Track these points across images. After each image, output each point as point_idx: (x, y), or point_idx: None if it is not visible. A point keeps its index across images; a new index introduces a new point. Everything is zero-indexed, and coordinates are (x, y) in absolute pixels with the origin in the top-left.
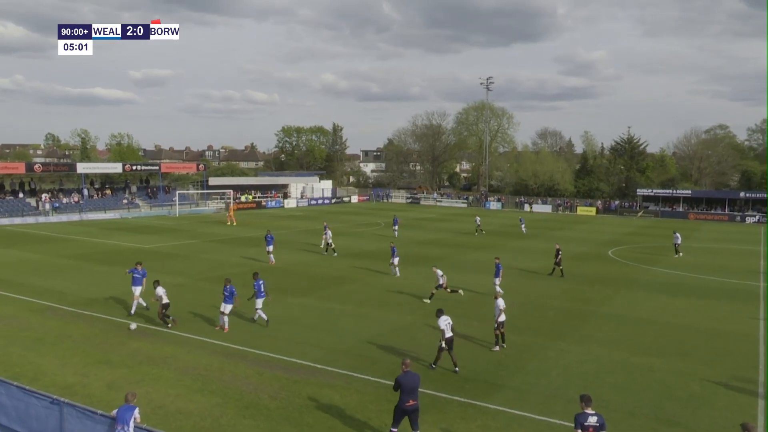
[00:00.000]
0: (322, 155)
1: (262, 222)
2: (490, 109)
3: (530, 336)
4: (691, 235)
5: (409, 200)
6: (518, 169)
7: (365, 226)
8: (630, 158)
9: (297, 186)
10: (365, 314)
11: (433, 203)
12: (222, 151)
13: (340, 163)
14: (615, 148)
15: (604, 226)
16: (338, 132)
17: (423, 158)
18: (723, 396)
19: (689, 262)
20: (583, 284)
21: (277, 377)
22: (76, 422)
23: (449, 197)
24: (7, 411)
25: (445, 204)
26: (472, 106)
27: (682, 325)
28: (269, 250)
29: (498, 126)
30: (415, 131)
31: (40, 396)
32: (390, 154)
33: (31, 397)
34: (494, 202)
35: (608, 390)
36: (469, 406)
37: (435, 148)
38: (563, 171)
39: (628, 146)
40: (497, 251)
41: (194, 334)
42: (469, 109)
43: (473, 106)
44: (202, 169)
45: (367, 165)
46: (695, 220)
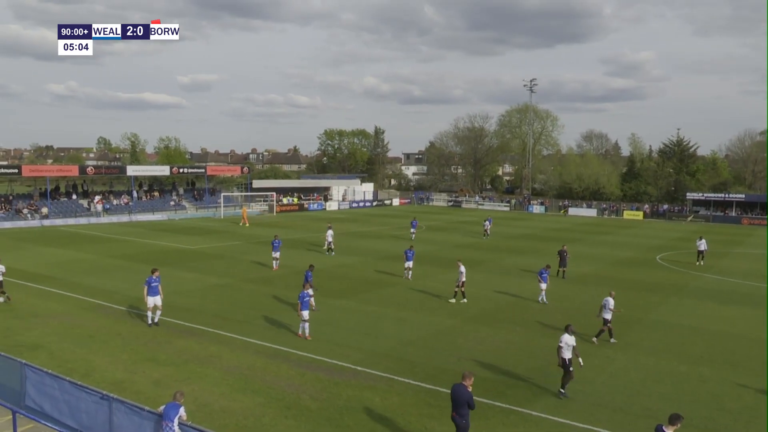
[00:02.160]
0: (364, 158)
1: (304, 224)
2: (533, 111)
3: None
4: (744, 240)
5: (451, 203)
6: (562, 172)
7: (406, 229)
8: (679, 161)
9: (338, 188)
10: (405, 317)
11: (475, 206)
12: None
13: (381, 166)
14: (663, 151)
15: (651, 231)
16: (380, 135)
17: (465, 161)
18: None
19: (741, 268)
20: (629, 290)
21: (318, 378)
22: (124, 417)
23: (491, 200)
24: (59, 405)
25: (487, 207)
26: (515, 109)
27: (733, 334)
28: (275, 257)
29: (541, 128)
30: (457, 134)
31: (91, 391)
32: (431, 157)
33: (82, 392)
34: (537, 205)
35: (656, 400)
36: (511, 413)
37: (477, 151)
38: (609, 174)
39: (677, 149)
40: (539, 257)
41: (238, 334)
42: (512, 111)
43: (516, 108)
44: (246, 172)
45: (409, 168)
46: (749, 225)
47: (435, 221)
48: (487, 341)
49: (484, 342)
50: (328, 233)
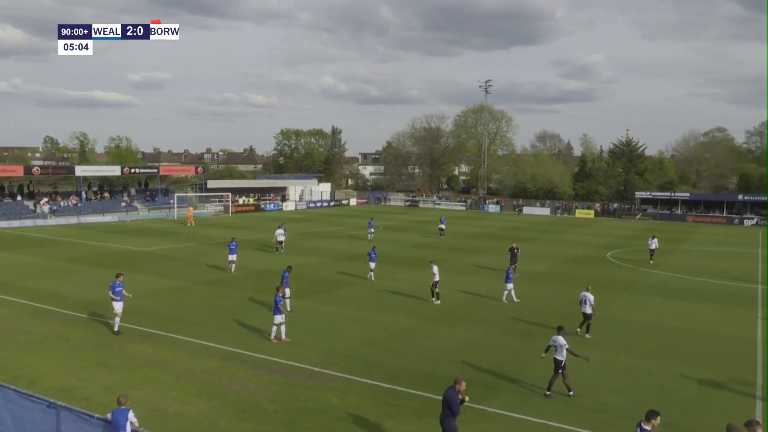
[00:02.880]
0: (321, 158)
1: (260, 225)
2: (489, 112)
3: (530, 339)
4: (689, 238)
5: (408, 203)
6: (517, 172)
7: (363, 228)
8: (629, 161)
9: (295, 189)
10: (364, 317)
11: (432, 206)
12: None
13: (338, 166)
14: (614, 151)
15: (602, 229)
16: (337, 135)
17: (422, 161)
18: (721, 399)
19: (688, 265)
20: (582, 288)
21: (275, 380)
22: (73, 426)
23: (448, 200)
24: (2, 415)
25: (444, 207)
26: (471, 109)
27: (681, 329)
28: (232, 260)
29: (497, 129)
30: (414, 134)
31: (37, 400)
32: (389, 157)
33: (27, 401)
34: (492, 204)
35: (608, 394)
36: (469, 410)
37: (434, 151)
38: (562, 174)
39: (626, 149)
40: (494, 255)
41: (192, 337)
42: (468, 111)
43: (472, 108)
44: (201, 172)
45: (366, 168)
46: (693, 223)
47: (392, 221)
48: (446, 340)
49: (442, 341)
50: (277, 232)
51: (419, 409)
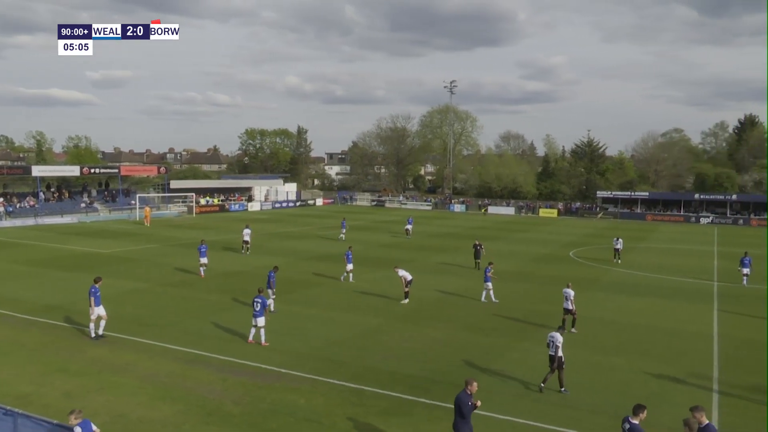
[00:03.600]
0: (287, 158)
1: (225, 225)
2: (453, 113)
3: (495, 337)
4: (648, 236)
5: (374, 203)
6: (482, 172)
7: (330, 228)
8: (590, 161)
9: (261, 189)
10: (331, 318)
11: (398, 206)
12: (184, 153)
13: (304, 166)
14: (575, 151)
15: (565, 228)
16: (303, 135)
17: (388, 161)
18: (680, 393)
19: (648, 262)
20: (546, 285)
21: (241, 383)
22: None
23: (414, 200)
24: None
25: (410, 206)
26: (437, 110)
27: (641, 325)
28: (203, 263)
29: (462, 129)
30: (380, 134)
31: None
32: (355, 157)
33: None
34: (458, 204)
35: (572, 389)
36: (435, 408)
37: (400, 151)
38: (526, 174)
39: (588, 149)
40: (461, 254)
41: (156, 340)
42: (433, 112)
43: (437, 109)
44: (164, 172)
45: (332, 168)
46: (653, 222)
47: (359, 221)
48: (413, 339)
49: (409, 340)
50: (244, 232)
51: (386, 408)
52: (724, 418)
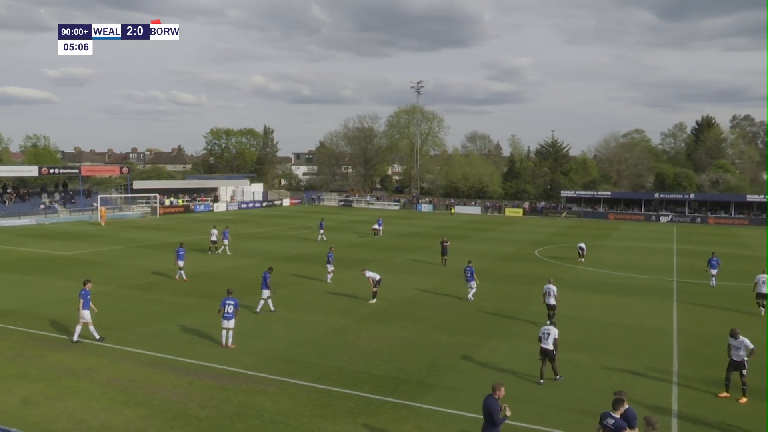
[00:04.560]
0: (253, 158)
1: (191, 226)
2: (420, 113)
3: (462, 335)
4: (611, 234)
5: (342, 203)
6: (448, 172)
7: (297, 229)
8: (554, 161)
9: (227, 189)
10: (298, 318)
11: (366, 206)
12: (147, 153)
13: (271, 166)
14: (540, 152)
15: (530, 227)
16: (269, 134)
17: (355, 161)
18: (641, 387)
19: (610, 260)
20: (511, 284)
21: (207, 386)
22: None
23: (381, 200)
24: None
25: (378, 206)
26: (404, 110)
27: (603, 322)
28: (180, 266)
29: (429, 129)
30: (347, 134)
31: None
32: (322, 157)
33: None
34: (425, 204)
35: (537, 385)
36: (403, 407)
37: (367, 151)
38: (492, 173)
39: (552, 149)
40: (428, 254)
41: (119, 344)
42: (400, 112)
43: (404, 109)
44: (126, 172)
45: (299, 168)
46: (615, 220)
47: (327, 221)
48: (380, 339)
49: (376, 340)
50: (212, 232)
51: (354, 408)
52: (682, 409)
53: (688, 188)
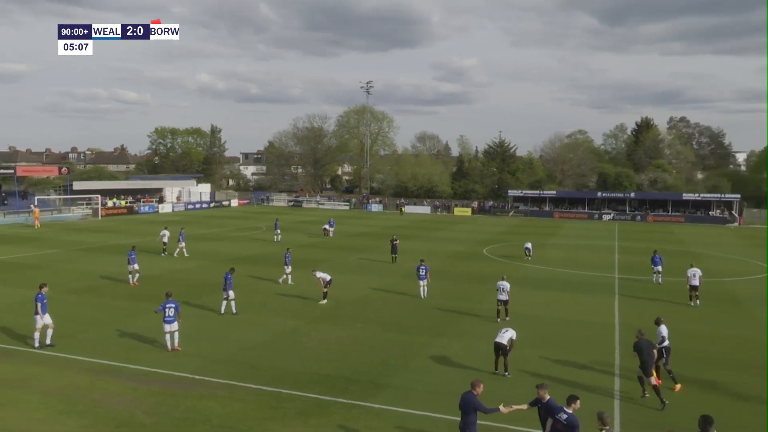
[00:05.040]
0: (200, 158)
1: (135, 228)
2: (370, 113)
3: (413, 334)
4: (556, 232)
5: (291, 203)
6: (398, 172)
7: (246, 230)
8: (502, 161)
9: (172, 190)
10: (247, 320)
11: (316, 206)
12: (88, 153)
13: (218, 166)
14: (488, 152)
15: (479, 226)
16: (216, 134)
17: (305, 161)
18: (587, 379)
19: (555, 258)
20: (461, 282)
21: (153, 392)
22: None
23: (332, 200)
24: None
25: (328, 207)
26: (353, 110)
27: (550, 318)
28: (134, 269)
29: (378, 129)
30: (297, 134)
31: None
32: (271, 157)
33: None
34: (375, 204)
35: (489, 381)
36: (354, 407)
37: (316, 151)
38: (441, 173)
39: (499, 150)
40: (379, 253)
41: (59, 351)
42: (350, 112)
43: (354, 109)
44: (66, 173)
45: (248, 168)
46: (560, 219)
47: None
48: (331, 339)
49: (327, 340)
50: (162, 233)
51: (304, 410)
52: (625, 401)
53: (629, 187)
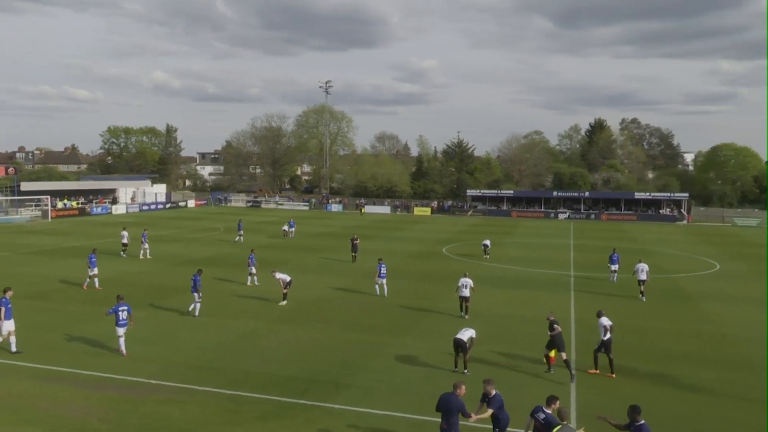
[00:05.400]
0: (155, 158)
1: (87, 230)
2: (329, 113)
3: (373, 334)
4: (513, 231)
5: (250, 204)
6: (358, 172)
7: (203, 231)
8: (460, 161)
9: (126, 190)
10: (206, 323)
11: (275, 206)
12: (37, 153)
13: (174, 166)
14: (447, 152)
15: (438, 226)
16: (172, 133)
17: (263, 161)
18: (543, 376)
19: (513, 256)
20: (421, 282)
21: (107, 398)
22: None
23: (291, 200)
24: None
25: (287, 207)
26: (312, 109)
27: (508, 315)
28: (93, 274)
29: (338, 129)
30: (255, 133)
31: None
32: (228, 157)
33: None
34: (335, 204)
35: (450, 380)
36: (315, 409)
37: (275, 151)
38: (400, 173)
39: (458, 150)
40: (339, 253)
41: (5, 358)
42: (309, 112)
43: (313, 109)
44: (13, 173)
45: (205, 168)
46: (517, 218)
47: (234, 222)
48: (291, 340)
49: (287, 342)
50: (122, 233)
51: (265, 413)
52: (580, 396)
53: (583, 187)
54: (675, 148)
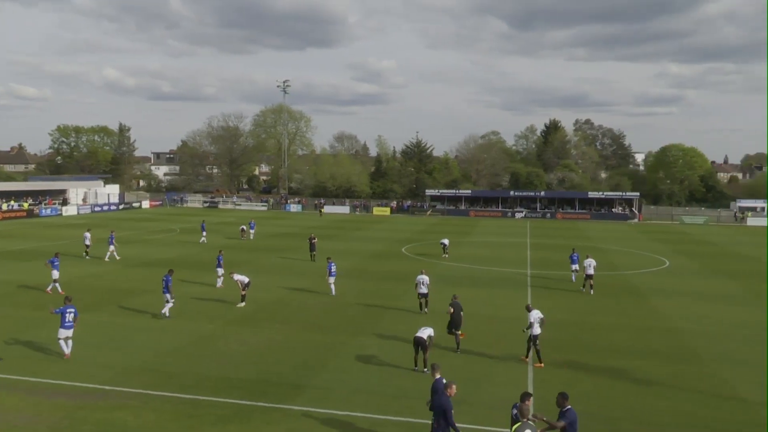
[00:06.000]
0: (107, 158)
1: (35, 232)
2: (287, 112)
3: (332, 334)
4: (471, 230)
5: (207, 204)
6: (317, 172)
7: (158, 232)
8: (419, 161)
9: (78, 191)
10: (162, 326)
11: (233, 207)
12: None
13: (128, 166)
14: (405, 152)
15: (397, 225)
16: (125, 132)
17: (220, 161)
18: (501, 372)
19: (471, 255)
20: (380, 281)
21: (58, 405)
22: None
23: (249, 200)
24: None
25: (245, 207)
26: (270, 109)
27: (466, 313)
28: (55, 277)
29: (296, 129)
30: (211, 133)
31: None
32: (184, 157)
33: None
34: (294, 204)
35: (410, 380)
36: (274, 411)
37: (233, 151)
38: (359, 173)
39: (417, 150)
40: (297, 253)
41: None
42: (266, 111)
43: (271, 108)
44: None
45: (160, 168)
46: (475, 217)
47: (191, 223)
48: (249, 342)
49: (246, 344)
50: (86, 235)
51: (223, 416)
52: (538, 392)
53: (539, 186)
54: (626, 149)
